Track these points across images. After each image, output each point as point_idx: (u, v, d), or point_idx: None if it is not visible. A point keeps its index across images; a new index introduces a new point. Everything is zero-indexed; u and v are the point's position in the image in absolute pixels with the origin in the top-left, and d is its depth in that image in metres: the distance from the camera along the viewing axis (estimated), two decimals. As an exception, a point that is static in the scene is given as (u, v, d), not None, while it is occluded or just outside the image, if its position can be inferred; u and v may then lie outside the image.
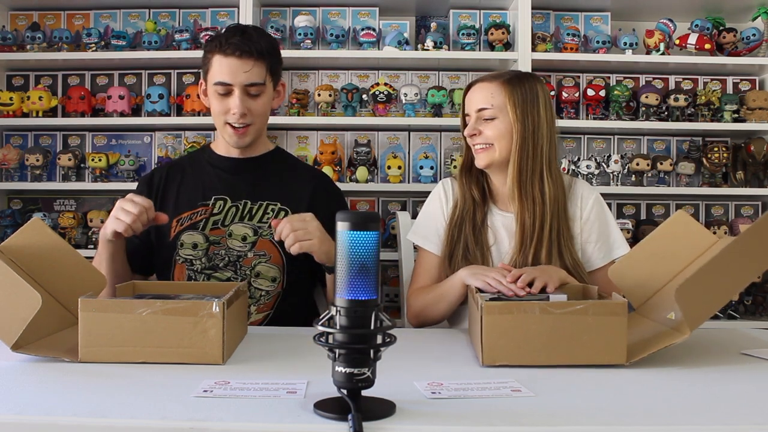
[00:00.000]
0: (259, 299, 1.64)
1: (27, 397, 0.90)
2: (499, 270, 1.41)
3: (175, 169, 1.74)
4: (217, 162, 1.71)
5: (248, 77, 1.57)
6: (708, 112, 2.64)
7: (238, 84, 1.57)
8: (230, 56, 1.56)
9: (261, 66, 1.59)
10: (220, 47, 1.58)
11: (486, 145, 1.58)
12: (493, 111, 1.56)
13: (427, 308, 1.57)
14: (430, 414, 0.85)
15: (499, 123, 1.56)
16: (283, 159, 1.79)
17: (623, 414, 0.87)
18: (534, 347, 1.08)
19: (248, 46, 1.56)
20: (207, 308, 1.07)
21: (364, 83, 2.70)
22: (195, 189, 1.68)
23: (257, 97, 1.61)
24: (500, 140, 1.56)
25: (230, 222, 1.64)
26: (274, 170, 1.72)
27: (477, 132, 1.58)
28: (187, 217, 1.65)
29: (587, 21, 2.75)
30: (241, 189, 1.67)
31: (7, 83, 2.72)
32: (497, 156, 1.57)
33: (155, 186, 1.70)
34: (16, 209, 2.66)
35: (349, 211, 0.83)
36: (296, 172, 1.75)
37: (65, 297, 1.24)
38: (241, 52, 1.56)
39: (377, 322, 0.83)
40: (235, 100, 1.57)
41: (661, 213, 2.73)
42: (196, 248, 1.62)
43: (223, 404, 0.87)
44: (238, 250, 1.63)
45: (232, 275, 1.62)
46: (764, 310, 2.54)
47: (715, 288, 1.08)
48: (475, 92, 1.60)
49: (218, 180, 1.68)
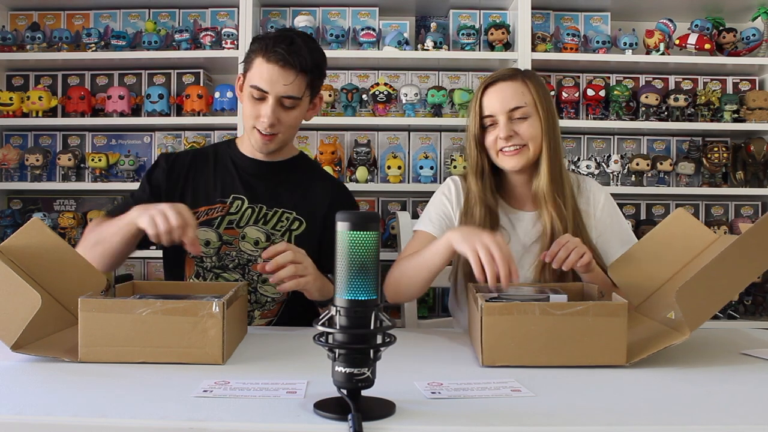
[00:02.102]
0: (265, 305, 1.62)
1: (27, 397, 0.90)
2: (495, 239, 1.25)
3: (200, 159, 1.69)
4: (240, 161, 1.68)
5: (286, 90, 1.52)
6: (708, 112, 2.64)
7: (273, 94, 1.52)
8: (273, 63, 1.51)
9: (301, 80, 1.53)
10: (264, 50, 1.52)
11: (520, 147, 1.52)
12: (526, 109, 1.52)
13: (404, 276, 1.47)
14: (430, 414, 0.85)
15: (533, 122, 1.52)
16: (305, 167, 1.74)
17: (623, 414, 0.87)
18: (534, 348, 1.08)
19: (293, 58, 1.50)
20: (207, 308, 1.07)
21: (364, 83, 2.70)
22: (214, 184, 1.65)
23: (290, 110, 1.56)
24: (534, 140, 1.52)
25: (245, 224, 1.61)
26: (295, 178, 1.69)
27: (512, 134, 1.51)
28: (204, 212, 1.62)
29: (587, 21, 2.75)
30: (260, 192, 1.64)
31: (7, 83, 2.72)
32: (531, 156, 1.53)
33: (177, 171, 1.66)
34: (16, 209, 2.66)
35: (349, 211, 0.83)
36: (316, 183, 1.70)
37: (65, 297, 1.24)
38: (285, 62, 1.50)
39: (377, 322, 0.83)
40: (267, 108, 1.53)
41: (661, 213, 2.73)
42: (209, 246, 1.60)
43: (223, 404, 0.87)
44: (249, 254, 1.61)
45: (240, 278, 1.60)
46: (764, 310, 2.54)
47: (715, 289, 1.08)
48: (502, 92, 1.53)
49: (239, 179, 1.65)
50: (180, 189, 1.64)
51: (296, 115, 1.58)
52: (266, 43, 1.53)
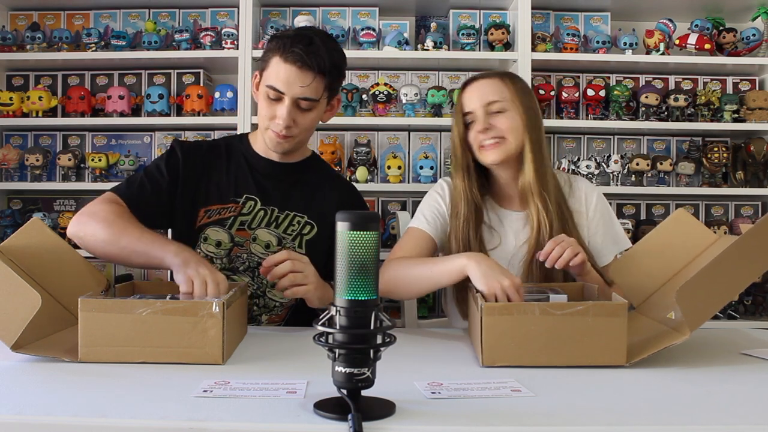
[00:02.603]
0: (273, 309, 1.61)
1: (27, 397, 0.90)
2: (514, 283, 1.22)
3: (214, 153, 1.65)
4: (253, 159, 1.64)
5: (303, 92, 1.48)
6: (708, 112, 2.64)
7: (290, 95, 1.48)
8: (290, 64, 1.46)
9: (319, 82, 1.49)
10: (282, 50, 1.48)
11: (499, 139, 1.53)
12: (503, 103, 1.54)
13: (403, 279, 1.44)
14: (430, 414, 0.85)
15: (510, 115, 1.54)
16: (317, 168, 1.71)
17: (623, 414, 0.87)
18: (534, 348, 1.08)
19: (311, 59, 1.46)
20: (207, 308, 1.07)
21: (364, 83, 2.70)
22: (228, 182, 1.61)
23: (307, 112, 1.52)
24: (512, 132, 1.53)
25: (257, 226, 1.59)
26: (307, 181, 1.66)
27: (489, 126, 1.53)
28: (216, 211, 1.59)
29: (587, 21, 2.75)
30: (273, 194, 1.62)
31: (7, 83, 2.71)
32: (512, 150, 1.53)
33: (192, 162, 1.61)
34: (16, 209, 2.66)
35: (349, 211, 0.83)
36: (327, 185, 1.68)
37: (65, 297, 1.24)
38: (302, 64, 1.46)
39: (377, 322, 0.83)
40: (283, 110, 1.49)
41: (661, 213, 2.73)
42: (220, 246, 1.58)
43: (223, 404, 0.87)
44: (260, 257, 1.57)
45: (250, 281, 1.58)
46: (764, 310, 2.54)
47: (715, 289, 1.08)
48: (479, 88, 1.57)
49: (252, 179, 1.62)
50: (194, 182, 1.60)
51: (313, 117, 1.54)
52: (284, 42, 1.48)
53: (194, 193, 1.59)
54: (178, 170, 1.59)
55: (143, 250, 1.38)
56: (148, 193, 1.55)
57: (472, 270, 1.28)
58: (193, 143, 1.73)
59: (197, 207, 1.59)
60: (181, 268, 1.29)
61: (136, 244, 1.39)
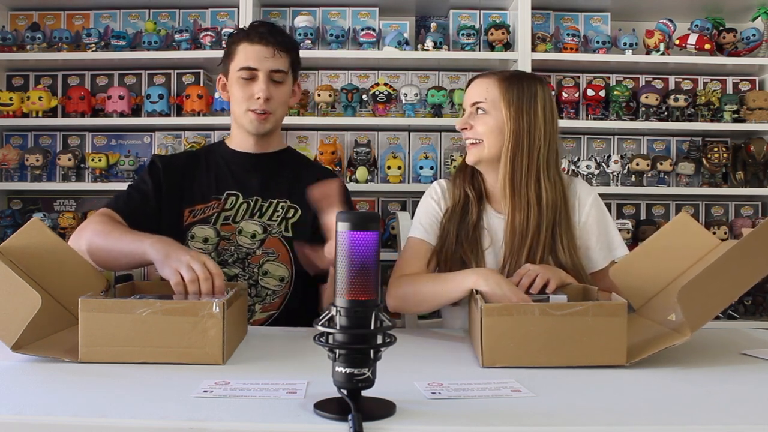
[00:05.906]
0: (265, 298, 1.64)
1: (27, 397, 0.90)
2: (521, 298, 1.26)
3: (193, 159, 1.76)
4: (230, 157, 1.73)
5: (274, 63, 1.62)
6: (708, 112, 2.64)
7: (263, 69, 1.61)
8: (257, 43, 1.62)
9: (285, 57, 1.65)
10: (247, 36, 1.64)
11: (476, 141, 1.55)
12: (486, 105, 1.54)
13: (416, 296, 1.47)
14: (430, 414, 0.85)
15: (489, 118, 1.53)
16: (294, 157, 1.81)
17: (623, 414, 0.87)
18: (534, 349, 1.08)
19: (275, 37, 1.63)
20: (207, 308, 1.07)
21: (364, 83, 2.70)
22: (208, 182, 1.69)
23: (280, 85, 1.65)
24: (489, 136, 1.53)
25: (241, 219, 1.66)
26: (285, 167, 1.74)
27: (468, 126, 1.56)
28: (200, 210, 1.66)
29: (587, 21, 2.75)
30: (253, 185, 1.69)
31: (7, 83, 2.71)
32: (486, 153, 1.54)
33: (172, 171, 1.69)
34: (16, 209, 2.66)
35: (349, 211, 0.83)
36: (306, 171, 1.75)
37: (65, 297, 1.24)
38: (268, 41, 1.62)
39: (377, 322, 0.83)
40: (261, 84, 1.61)
41: (661, 213, 2.73)
42: (207, 242, 1.64)
43: (223, 404, 0.87)
44: (247, 248, 1.64)
45: (240, 272, 1.63)
46: (764, 310, 2.54)
47: (717, 291, 1.08)
48: (472, 87, 1.59)
49: (231, 175, 1.70)
50: (177, 186, 1.67)
51: (285, 90, 1.67)
52: (246, 31, 1.65)
53: (177, 197, 1.66)
54: (160, 177, 1.67)
55: (126, 249, 1.42)
56: (137, 201, 1.64)
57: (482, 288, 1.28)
58: (172, 155, 1.86)
59: (182, 208, 1.66)
60: (164, 263, 1.30)
61: (119, 244, 1.44)
